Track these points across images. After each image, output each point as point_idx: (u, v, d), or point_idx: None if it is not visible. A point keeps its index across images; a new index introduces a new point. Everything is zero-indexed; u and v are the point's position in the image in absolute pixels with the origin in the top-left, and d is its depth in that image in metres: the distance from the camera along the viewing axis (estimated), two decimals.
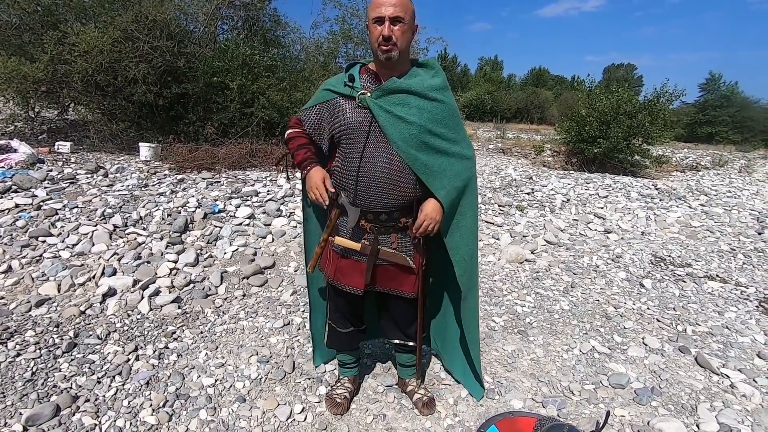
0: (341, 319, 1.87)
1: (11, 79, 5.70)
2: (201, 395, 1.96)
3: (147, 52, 6.18)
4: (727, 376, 2.29)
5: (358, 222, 1.62)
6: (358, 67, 1.63)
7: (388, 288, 1.74)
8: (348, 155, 1.60)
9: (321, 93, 1.66)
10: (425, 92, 1.54)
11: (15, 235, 3.30)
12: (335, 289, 1.79)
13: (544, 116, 32.24)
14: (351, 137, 1.58)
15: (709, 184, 8.58)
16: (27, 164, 4.73)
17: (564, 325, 2.82)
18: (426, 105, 1.54)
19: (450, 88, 1.65)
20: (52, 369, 2.06)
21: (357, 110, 1.56)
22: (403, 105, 1.53)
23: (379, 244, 1.65)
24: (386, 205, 1.59)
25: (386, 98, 1.53)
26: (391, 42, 1.46)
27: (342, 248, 1.68)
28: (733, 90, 30.34)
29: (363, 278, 1.68)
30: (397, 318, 1.85)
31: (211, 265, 3.38)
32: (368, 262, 1.65)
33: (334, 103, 1.61)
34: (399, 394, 2.05)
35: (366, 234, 1.65)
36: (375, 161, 1.55)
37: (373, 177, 1.55)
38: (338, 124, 1.60)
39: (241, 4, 8.11)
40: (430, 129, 1.55)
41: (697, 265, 4.14)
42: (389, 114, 1.52)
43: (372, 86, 1.57)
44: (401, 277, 1.72)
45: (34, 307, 2.61)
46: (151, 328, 2.50)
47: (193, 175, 5.38)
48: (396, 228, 1.65)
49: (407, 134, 1.52)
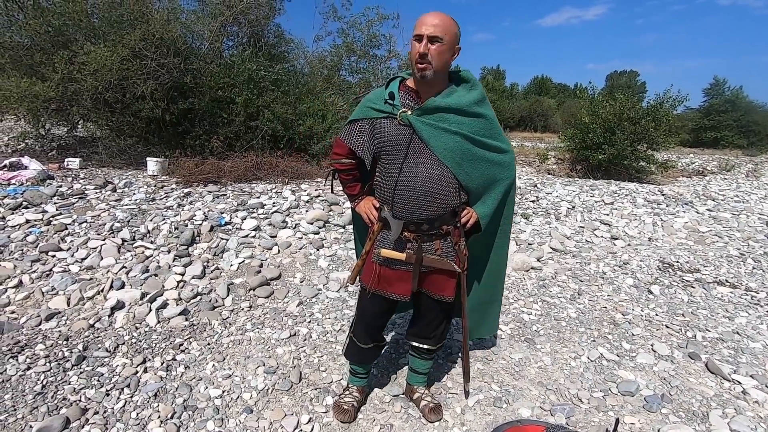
0: (363, 335, 1.89)
1: (23, 99, 5.83)
2: (208, 406, 1.96)
3: (154, 69, 6.30)
4: (739, 382, 2.26)
5: (401, 232, 1.68)
6: (398, 83, 1.67)
7: (429, 291, 1.79)
8: (388, 170, 1.66)
9: (363, 109, 1.71)
10: (464, 108, 1.59)
11: (26, 250, 3.35)
12: (373, 300, 1.81)
13: (547, 124, 32.30)
14: (391, 153, 1.63)
15: (716, 188, 8.52)
16: (37, 180, 4.82)
17: (571, 332, 2.80)
18: (465, 120, 1.60)
19: (487, 99, 1.70)
20: (61, 382, 2.08)
21: (398, 127, 1.61)
22: (443, 121, 1.58)
23: (423, 252, 1.69)
24: (427, 216, 1.64)
25: (426, 116, 1.58)
26: (426, 60, 1.49)
27: (385, 258, 1.72)
28: (738, 94, 30.21)
29: (409, 286, 1.73)
30: (425, 320, 1.88)
31: (217, 277, 3.40)
32: (414, 270, 1.71)
33: (375, 120, 1.66)
34: (406, 403, 2.04)
35: (409, 243, 1.69)
36: (415, 175, 1.60)
37: (413, 190, 1.60)
38: (379, 140, 1.65)
39: (245, 21, 8.26)
40: (472, 138, 1.60)
41: (705, 270, 4.10)
42: (431, 127, 1.57)
43: (412, 103, 1.61)
44: (443, 281, 1.77)
45: (44, 321, 2.64)
46: (158, 340, 2.51)
47: (200, 188, 5.44)
48: (438, 235, 1.70)
49: (452, 143, 1.57)
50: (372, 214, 1.76)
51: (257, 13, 8.14)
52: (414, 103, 1.61)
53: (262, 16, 8.27)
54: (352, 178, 1.85)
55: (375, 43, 9.46)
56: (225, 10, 7.54)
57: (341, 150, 1.79)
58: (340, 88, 9.18)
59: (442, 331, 1.90)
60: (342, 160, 1.81)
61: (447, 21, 1.50)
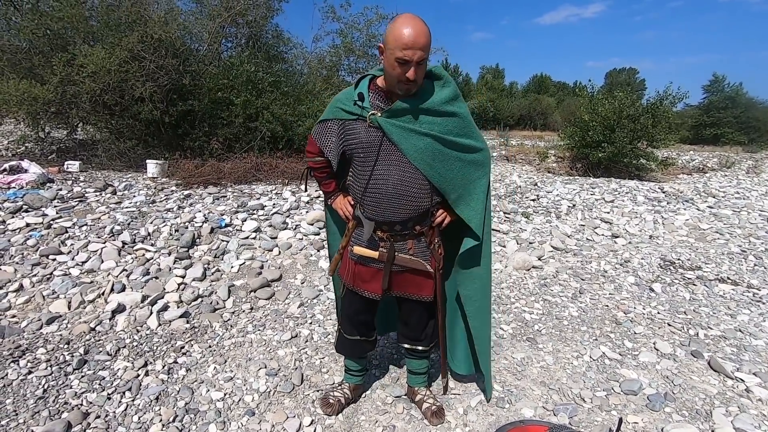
0: (348, 327, 1.90)
1: (22, 101, 5.83)
2: (210, 409, 1.96)
3: (153, 71, 6.30)
4: (742, 380, 2.25)
5: (374, 232, 1.67)
6: (367, 82, 1.61)
7: (407, 293, 1.78)
8: (360, 172, 1.64)
9: (332, 109, 1.66)
10: (435, 108, 1.55)
11: (26, 254, 3.34)
12: (350, 296, 1.83)
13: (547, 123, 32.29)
14: (362, 155, 1.60)
15: (717, 185, 8.51)
16: (37, 184, 4.81)
17: (573, 331, 2.79)
18: (437, 120, 1.56)
19: (460, 95, 1.65)
20: (63, 386, 2.07)
21: (368, 130, 1.57)
22: (414, 123, 1.54)
23: (396, 251, 1.68)
24: (400, 218, 1.63)
25: (396, 119, 1.54)
26: (413, 82, 1.45)
27: (359, 256, 1.72)
28: (737, 91, 30.21)
29: (380, 284, 1.72)
30: (411, 323, 1.87)
31: (218, 279, 3.40)
32: (385, 268, 1.70)
33: (345, 122, 1.62)
34: (408, 404, 2.03)
35: (382, 242, 1.68)
36: (387, 178, 1.58)
37: (384, 193, 1.59)
38: (349, 142, 1.62)
39: (244, 21, 8.26)
40: (443, 139, 1.56)
41: (707, 267, 4.09)
42: (401, 129, 1.53)
43: (381, 104, 1.57)
44: (419, 282, 1.75)
45: (45, 325, 2.63)
46: (160, 343, 2.51)
47: (200, 190, 5.44)
48: (411, 235, 1.69)
49: (422, 145, 1.54)
50: (347, 211, 1.75)
51: (255, 13, 8.14)
52: (384, 104, 1.57)
53: (260, 17, 8.27)
54: (326, 176, 1.82)
55: (374, 43, 9.46)
56: (223, 12, 7.54)
57: (313, 148, 1.76)
58: (339, 89, 9.16)
59: (431, 330, 1.89)
60: (315, 158, 1.78)
61: (429, 35, 1.41)
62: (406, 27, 1.37)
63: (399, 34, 1.37)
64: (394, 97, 1.56)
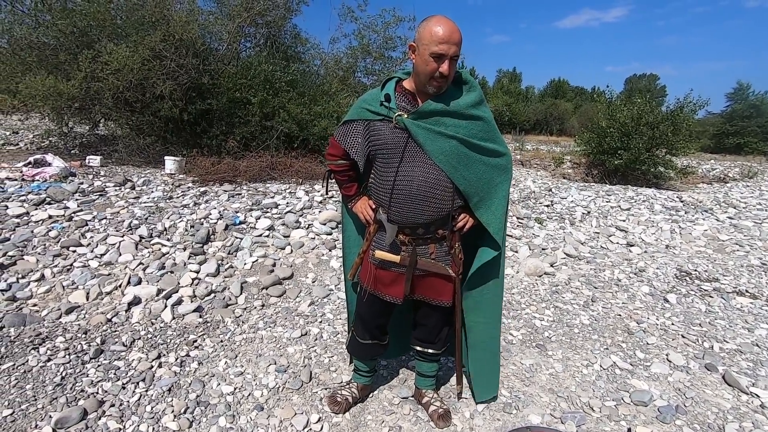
0: (362, 330, 1.90)
1: (48, 97, 6.01)
2: (220, 403, 2.00)
3: (174, 69, 6.43)
4: (757, 395, 2.20)
5: (396, 236, 1.67)
6: (394, 84, 1.64)
7: (427, 297, 1.78)
8: (383, 174, 1.65)
9: (358, 110, 1.68)
10: (461, 111, 1.57)
11: (48, 245, 3.45)
12: (370, 299, 1.82)
13: (563, 128, 31.93)
14: (386, 157, 1.62)
15: (738, 196, 8.30)
16: (60, 177, 4.95)
17: (584, 339, 2.77)
18: (462, 123, 1.58)
19: (485, 100, 1.67)
20: (80, 374, 2.13)
21: (393, 131, 1.59)
22: (439, 125, 1.56)
23: (418, 255, 1.69)
24: (422, 220, 1.63)
25: (423, 120, 1.56)
26: (445, 78, 1.48)
27: (381, 260, 1.72)
28: (762, 100, 29.44)
29: (402, 288, 1.72)
30: (426, 326, 1.88)
31: (231, 275, 3.45)
32: (407, 272, 1.70)
33: (370, 122, 1.64)
34: (415, 406, 2.04)
35: (404, 246, 1.69)
36: (411, 179, 1.59)
37: (408, 195, 1.59)
38: (374, 143, 1.64)
39: (263, 22, 8.36)
40: (468, 142, 1.58)
41: (725, 280, 4.00)
42: (427, 131, 1.55)
43: (408, 106, 1.59)
44: (439, 286, 1.76)
45: (64, 314, 2.71)
46: (173, 336, 2.57)
47: (216, 187, 5.53)
48: (434, 239, 1.69)
49: (448, 148, 1.56)
50: (368, 215, 1.75)
51: (274, 14, 8.24)
52: (410, 106, 1.59)
53: (279, 17, 8.36)
54: (348, 179, 1.84)
55: (391, 45, 9.47)
56: (243, 12, 7.65)
57: (336, 151, 1.77)
58: (355, 90, 9.21)
59: (445, 335, 1.90)
60: (337, 161, 1.79)
61: (461, 34, 1.46)
62: (442, 24, 1.43)
63: (435, 30, 1.43)
64: (420, 99, 1.59)
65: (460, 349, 1.96)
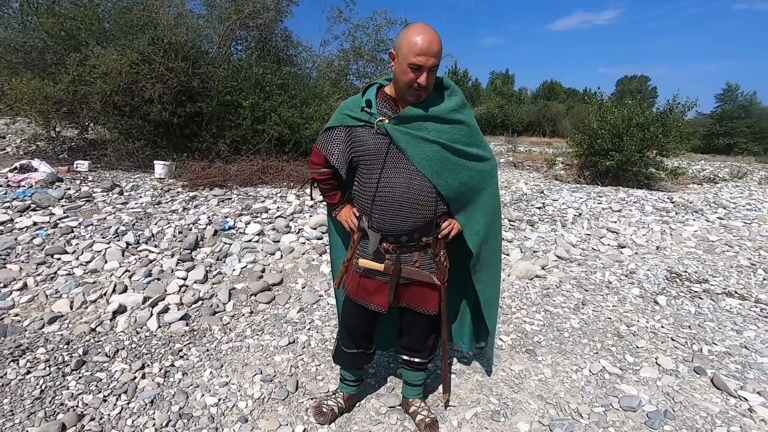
0: (347, 340, 1.88)
1: (34, 100, 5.93)
2: (204, 415, 1.96)
3: (162, 73, 6.38)
4: (746, 399, 2.20)
5: (380, 244, 1.65)
6: (375, 90, 1.62)
7: (412, 304, 1.76)
8: (366, 181, 1.63)
9: (339, 116, 1.66)
10: (443, 115, 1.56)
11: (32, 253, 3.39)
12: (355, 308, 1.80)
13: (556, 129, 32.10)
14: (368, 163, 1.60)
15: (728, 196, 8.37)
16: (46, 183, 4.88)
17: (574, 344, 2.76)
18: (444, 128, 1.56)
19: (467, 105, 1.66)
20: (60, 387, 2.09)
21: (375, 136, 1.57)
22: (421, 130, 1.54)
23: (402, 263, 1.67)
24: (405, 227, 1.61)
25: (404, 125, 1.55)
26: (424, 89, 1.48)
27: (364, 269, 1.70)
28: (751, 101, 29.81)
29: (386, 297, 1.70)
30: (412, 334, 1.86)
31: (219, 281, 3.41)
32: (391, 281, 1.68)
33: (351, 129, 1.62)
34: (402, 415, 2.02)
35: (388, 254, 1.67)
36: (393, 186, 1.57)
37: (391, 202, 1.57)
38: (356, 149, 1.62)
39: (254, 25, 8.33)
40: (451, 147, 1.56)
41: (714, 281, 4.02)
42: (409, 136, 1.53)
43: (389, 112, 1.58)
44: (424, 294, 1.74)
45: (47, 324, 2.66)
46: (158, 345, 2.52)
47: (206, 192, 5.48)
48: (418, 246, 1.67)
49: (430, 153, 1.54)
50: (352, 223, 1.74)
51: (265, 17, 8.21)
52: (391, 112, 1.58)
53: (270, 20, 8.33)
54: (332, 187, 1.82)
55: (383, 48, 9.48)
56: (233, 14, 7.61)
57: (318, 159, 1.76)
58: (348, 93, 9.19)
59: (432, 344, 1.88)
60: (320, 169, 1.77)
61: (441, 44, 1.44)
62: (421, 34, 1.41)
63: (413, 40, 1.41)
64: (402, 105, 1.57)
65: (447, 356, 1.94)
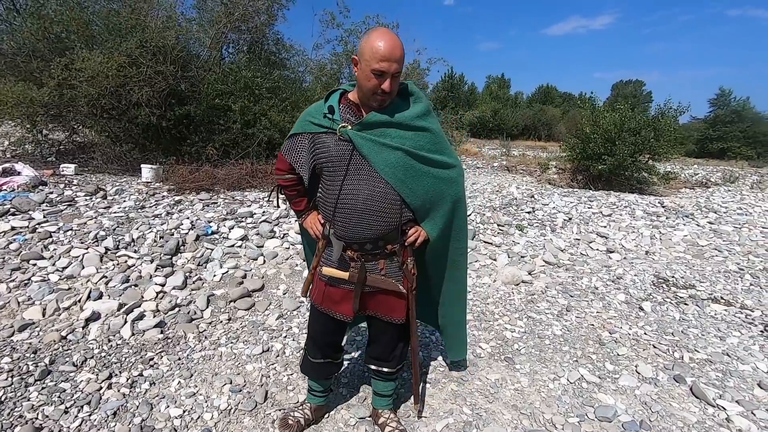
0: (314, 350, 1.84)
1: (19, 104, 5.87)
2: (166, 427, 1.91)
3: (151, 76, 6.34)
4: (724, 408, 2.16)
5: (344, 251, 1.62)
6: (338, 96, 1.60)
7: (379, 313, 1.73)
8: (329, 188, 1.60)
9: (301, 123, 1.64)
10: (407, 122, 1.53)
11: (7, 258, 3.33)
12: (320, 317, 1.77)
13: (551, 133, 32.20)
14: (331, 170, 1.57)
15: (719, 200, 8.37)
16: (29, 187, 4.82)
17: (554, 351, 2.71)
18: (408, 134, 1.54)
19: (432, 112, 1.64)
20: (21, 398, 2.03)
21: (338, 143, 1.54)
22: (384, 136, 1.52)
23: (367, 272, 1.64)
24: (369, 235, 1.57)
25: (367, 132, 1.52)
26: (388, 95, 1.46)
27: (329, 277, 1.67)
28: (744, 105, 30.00)
29: (352, 306, 1.67)
30: (380, 343, 1.82)
31: (199, 288, 3.36)
32: (356, 289, 1.65)
33: (315, 135, 1.59)
34: (371, 427, 1.97)
35: (353, 262, 1.63)
36: (356, 193, 1.53)
37: (354, 209, 1.54)
38: (319, 156, 1.59)
39: (246, 28, 8.31)
40: (415, 154, 1.54)
41: (701, 286, 3.99)
42: (372, 142, 1.50)
43: (352, 118, 1.55)
44: (391, 303, 1.71)
45: (17, 332, 2.60)
46: (129, 354, 2.47)
47: (191, 196, 5.43)
48: (383, 254, 1.64)
49: (393, 159, 1.51)
50: (318, 230, 1.71)
51: (256, 20, 8.19)
52: (355, 118, 1.55)
53: (261, 23, 8.31)
54: (297, 194, 1.79)
55: None
56: (224, 18, 7.59)
57: (283, 165, 1.73)
58: None
59: (400, 353, 1.84)
60: (285, 175, 1.75)
61: (403, 49, 1.43)
62: (383, 40, 1.39)
63: (376, 46, 1.39)
64: (365, 110, 1.55)
65: (418, 364, 1.90)
